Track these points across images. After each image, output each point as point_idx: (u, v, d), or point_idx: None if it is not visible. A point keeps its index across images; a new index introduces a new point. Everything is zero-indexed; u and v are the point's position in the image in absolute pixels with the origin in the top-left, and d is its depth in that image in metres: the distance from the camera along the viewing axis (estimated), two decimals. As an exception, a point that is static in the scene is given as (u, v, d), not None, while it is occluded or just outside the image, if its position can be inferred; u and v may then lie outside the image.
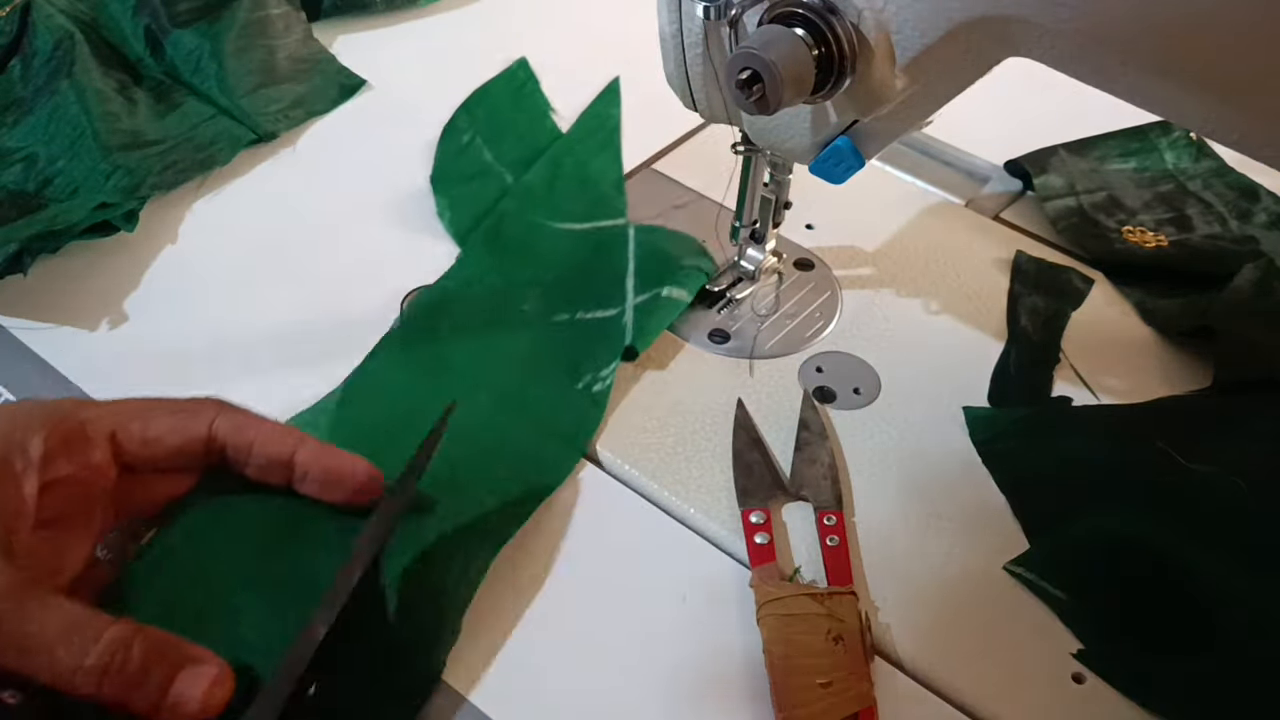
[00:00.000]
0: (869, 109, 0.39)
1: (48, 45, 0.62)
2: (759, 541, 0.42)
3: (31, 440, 0.36)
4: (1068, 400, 0.50)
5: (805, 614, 0.39)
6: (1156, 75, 0.33)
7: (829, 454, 0.46)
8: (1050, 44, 0.35)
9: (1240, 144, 0.34)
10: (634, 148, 0.63)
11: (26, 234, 0.51)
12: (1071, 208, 0.60)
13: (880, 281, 0.56)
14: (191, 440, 0.39)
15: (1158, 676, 0.39)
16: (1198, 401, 0.50)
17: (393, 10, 0.74)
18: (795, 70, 0.36)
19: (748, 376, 0.50)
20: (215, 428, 0.39)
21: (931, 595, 0.42)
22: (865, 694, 0.37)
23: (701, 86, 0.45)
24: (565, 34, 0.73)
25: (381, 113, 0.66)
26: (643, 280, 0.52)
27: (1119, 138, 0.65)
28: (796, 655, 0.38)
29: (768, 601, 0.40)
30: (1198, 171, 0.64)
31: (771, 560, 0.42)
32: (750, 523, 0.43)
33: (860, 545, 0.43)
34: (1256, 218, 0.60)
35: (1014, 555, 0.43)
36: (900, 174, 0.63)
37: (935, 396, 0.49)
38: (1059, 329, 0.53)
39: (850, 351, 0.52)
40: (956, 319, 0.54)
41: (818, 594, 0.40)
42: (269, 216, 0.58)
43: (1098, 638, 0.40)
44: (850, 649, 0.38)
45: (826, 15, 0.37)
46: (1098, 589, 0.41)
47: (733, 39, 0.40)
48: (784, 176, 0.50)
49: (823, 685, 0.37)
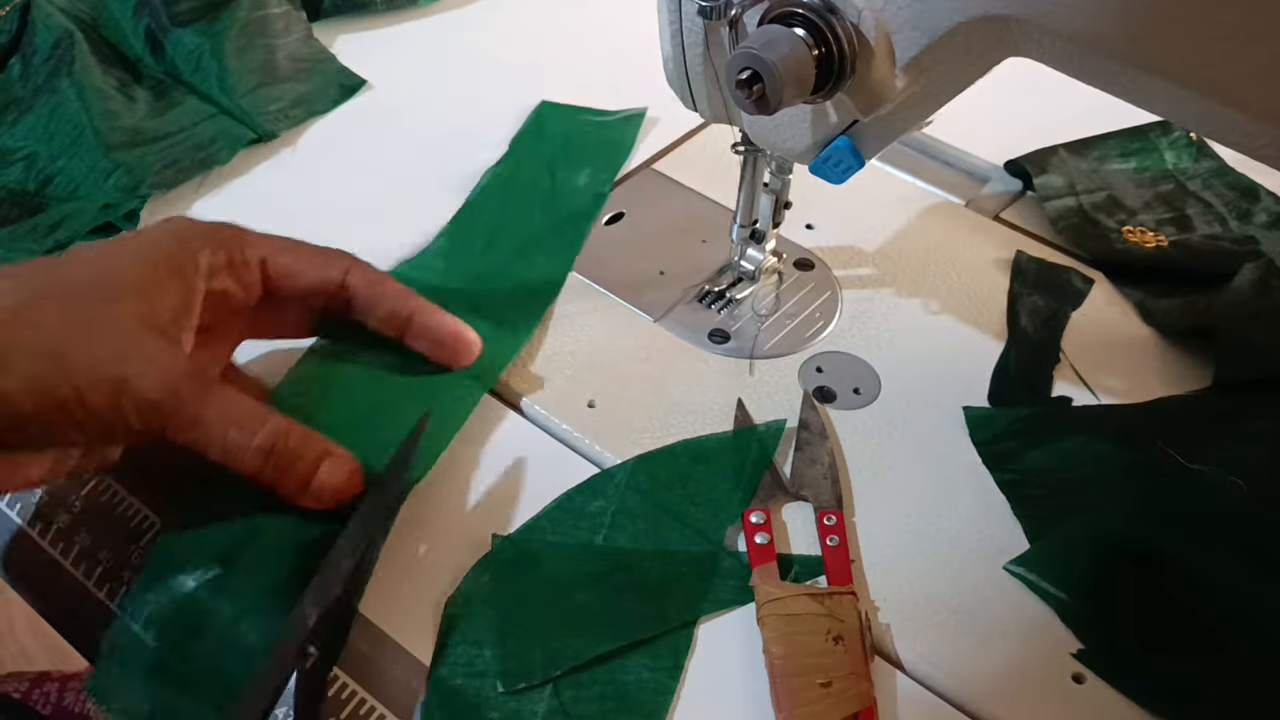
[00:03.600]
0: (869, 109, 0.39)
1: (47, 44, 0.62)
2: (759, 541, 0.42)
3: (202, 252, 0.41)
4: (1068, 400, 0.50)
5: (805, 614, 0.39)
6: (1156, 75, 0.33)
7: (829, 454, 0.46)
8: (1050, 44, 0.35)
9: (1240, 144, 0.34)
10: (634, 148, 0.63)
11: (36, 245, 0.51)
12: (1071, 208, 0.60)
13: (880, 281, 0.56)
14: (328, 281, 0.45)
15: (1158, 676, 0.39)
16: (1198, 401, 0.50)
17: (393, 10, 0.74)
18: (795, 70, 0.36)
19: (748, 376, 0.50)
20: (349, 276, 0.45)
21: (931, 595, 0.42)
22: (865, 694, 0.37)
23: (701, 86, 0.45)
24: (565, 34, 0.73)
25: (381, 113, 0.66)
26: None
27: (1119, 138, 0.65)
28: (797, 655, 0.38)
29: (768, 601, 0.40)
30: (1198, 171, 0.64)
31: (772, 560, 0.42)
32: (750, 523, 0.43)
33: (860, 545, 0.43)
34: (1257, 218, 0.60)
35: (1014, 555, 0.43)
36: (900, 174, 0.63)
37: (935, 396, 0.49)
38: (1059, 329, 0.53)
39: (850, 351, 0.52)
40: (956, 319, 0.54)
41: (818, 594, 0.40)
42: (269, 216, 0.57)
43: (1098, 638, 0.40)
44: (850, 649, 0.38)
45: (826, 15, 0.37)
46: (1098, 589, 0.41)
47: (733, 39, 0.40)
48: (784, 176, 0.50)
49: (823, 685, 0.37)
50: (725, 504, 0.44)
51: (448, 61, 0.70)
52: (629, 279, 0.55)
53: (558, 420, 0.48)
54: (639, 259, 0.56)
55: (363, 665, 0.39)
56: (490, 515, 0.44)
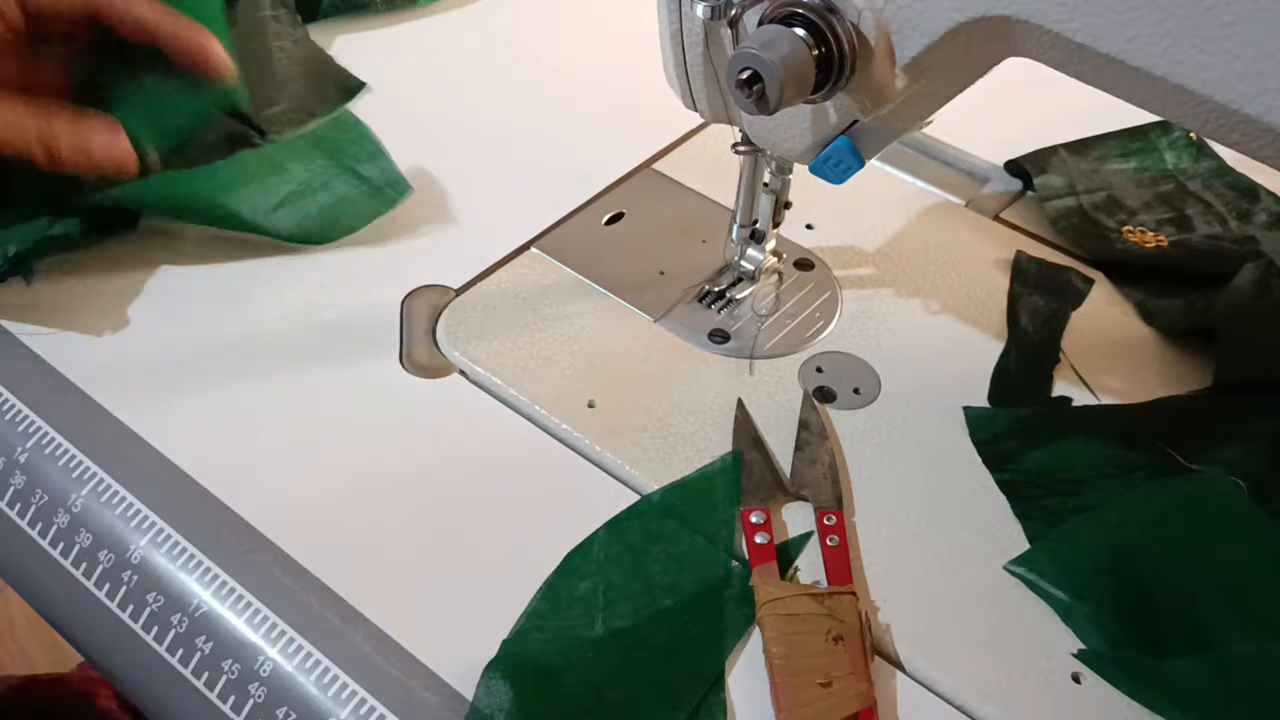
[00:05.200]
0: (869, 109, 0.39)
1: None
2: (759, 541, 0.42)
3: None
4: (1068, 400, 0.50)
5: (805, 614, 0.39)
6: (1155, 75, 0.33)
7: (829, 454, 0.46)
8: (1050, 44, 0.35)
9: (1240, 144, 0.34)
10: (634, 148, 0.63)
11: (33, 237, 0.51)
12: (1072, 208, 0.60)
13: (880, 281, 0.56)
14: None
15: (1158, 676, 0.39)
16: (1198, 401, 0.50)
17: (392, 10, 0.74)
18: (795, 70, 0.36)
19: (748, 376, 0.50)
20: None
21: (931, 595, 0.42)
22: (865, 694, 0.37)
23: (701, 86, 0.45)
24: (565, 34, 0.73)
25: (381, 113, 0.66)
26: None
27: (1119, 138, 0.65)
28: (797, 655, 0.38)
29: (768, 601, 0.40)
30: (1198, 171, 0.64)
31: (772, 560, 0.42)
32: (750, 523, 0.43)
33: (860, 545, 0.43)
34: (1257, 218, 0.60)
35: (1014, 555, 0.43)
36: (900, 174, 0.63)
37: (935, 396, 0.49)
38: (1059, 329, 0.53)
39: (850, 351, 0.52)
40: (956, 319, 0.54)
41: (818, 594, 0.40)
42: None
43: (1098, 638, 0.40)
44: (850, 649, 0.38)
45: (826, 15, 0.37)
46: (1098, 589, 0.41)
47: (733, 39, 0.40)
48: (784, 176, 0.50)
49: (823, 685, 0.37)
50: (706, 555, 0.42)
51: (448, 61, 0.70)
52: (629, 279, 0.55)
53: (558, 420, 0.48)
54: (639, 259, 0.56)
55: (363, 665, 0.39)
56: (490, 515, 0.44)
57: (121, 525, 0.43)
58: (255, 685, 0.39)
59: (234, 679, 0.39)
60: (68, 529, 0.44)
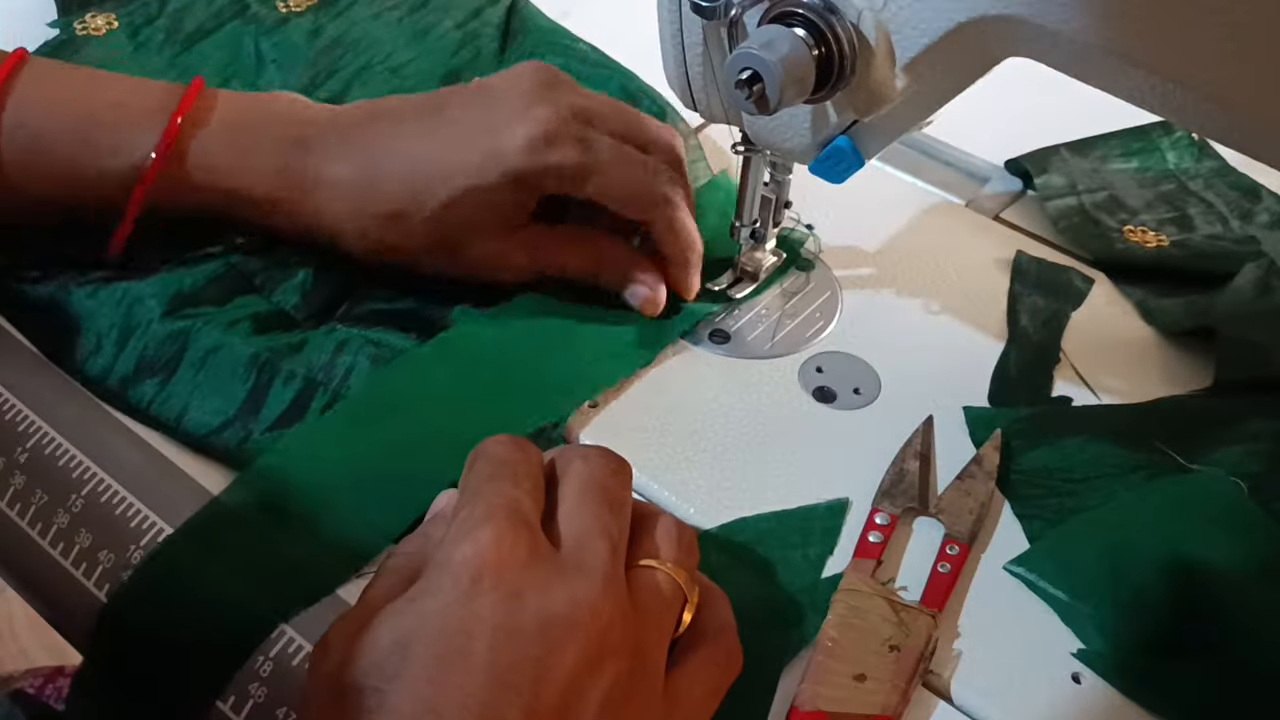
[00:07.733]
0: (869, 109, 0.39)
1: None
2: (872, 540, 0.43)
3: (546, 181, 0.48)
4: (1068, 400, 0.50)
5: (874, 614, 0.40)
6: (1156, 75, 0.33)
7: (988, 495, 0.45)
8: (1050, 44, 0.35)
9: (1240, 144, 0.34)
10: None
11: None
12: (1072, 207, 0.60)
13: (880, 281, 0.56)
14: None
15: (1158, 676, 0.39)
16: (1198, 401, 0.50)
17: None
18: (795, 70, 0.36)
19: (748, 376, 0.50)
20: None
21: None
22: (893, 706, 0.37)
23: (701, 86, 0.45)
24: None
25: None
26: None
27: (1120, 137, 0.65)
28: (848, 644, 0.39)
29: (846, 589, 0.40)
30: (1199, 171, 0.63)
31: (874, 558, 0.42)
32: (874, 521, 0.43)
33: (973, 583, 0.43)
34: (1258, 218, 0.60)
35: (1014, 555, 0.43)
36: (900, 174, 0.63)
37: (935, 396, 0.49)
38: (1059, 329, 0.53)
39: (850, 351, 0.52)
40: (956, 319, 0.54)
41: (897, 603, 0.40)
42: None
43: (1098, 638, 0.40)
44: (902, 663, 0.38)
45: (826, 15, 0.37)
46: (1098, 589, 0.41)
47: (733, 39, 0.40)
48: (784, 176, 0.50)
49: (856, 679, 0.38)
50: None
51: (448, 61, 0.70)
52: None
53: (558, 420, 0.48)
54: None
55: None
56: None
57: (121, 525, 0.43)
58: (255, 685, 0.39)
59: (234, 679, 0.39)
60: (68, 529, 0.44)
